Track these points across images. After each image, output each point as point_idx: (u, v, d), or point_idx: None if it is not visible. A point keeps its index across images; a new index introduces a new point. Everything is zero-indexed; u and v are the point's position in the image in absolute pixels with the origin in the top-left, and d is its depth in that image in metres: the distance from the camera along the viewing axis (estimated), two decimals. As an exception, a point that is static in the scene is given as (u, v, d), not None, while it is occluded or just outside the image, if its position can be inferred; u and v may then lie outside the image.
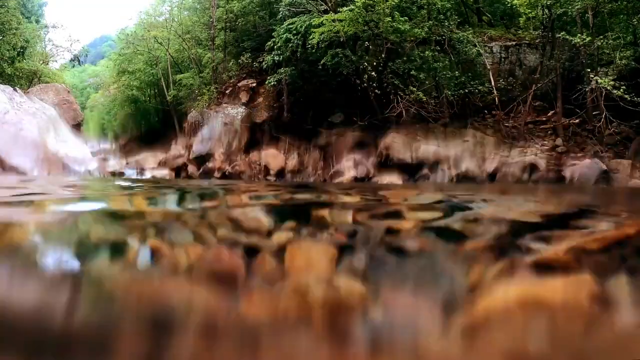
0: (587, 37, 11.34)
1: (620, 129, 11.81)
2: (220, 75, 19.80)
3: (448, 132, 13.32)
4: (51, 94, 18.53)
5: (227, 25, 19.52)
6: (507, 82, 14.05)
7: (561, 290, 1.03)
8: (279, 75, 15.08)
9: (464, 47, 13.70)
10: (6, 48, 20.68)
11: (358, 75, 13.73)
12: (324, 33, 12.87)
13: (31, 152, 10.66)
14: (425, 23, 13.40)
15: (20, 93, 12.84)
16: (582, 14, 12.52)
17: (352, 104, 15.08)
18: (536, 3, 12.69)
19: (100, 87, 41.12)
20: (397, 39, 13.21)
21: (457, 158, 11.83)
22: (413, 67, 13.10)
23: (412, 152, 12.12)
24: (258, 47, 17.98)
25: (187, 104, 21.03)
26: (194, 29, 23.03)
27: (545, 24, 13.59)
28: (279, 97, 17.11)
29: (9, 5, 20.71)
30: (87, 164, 12.31)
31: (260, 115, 17.21)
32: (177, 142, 19.66)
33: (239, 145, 16.30)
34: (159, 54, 25.36)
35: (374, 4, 12.50)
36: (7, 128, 10.89)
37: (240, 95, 18.21)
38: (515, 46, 15.06)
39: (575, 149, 12.08)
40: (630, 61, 11.16)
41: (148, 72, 26.80)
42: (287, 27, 14.58)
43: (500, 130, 13.28)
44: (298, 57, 14.54)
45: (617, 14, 12.12)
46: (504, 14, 17.38)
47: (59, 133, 12.74)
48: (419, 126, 13.56)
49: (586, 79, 11.93)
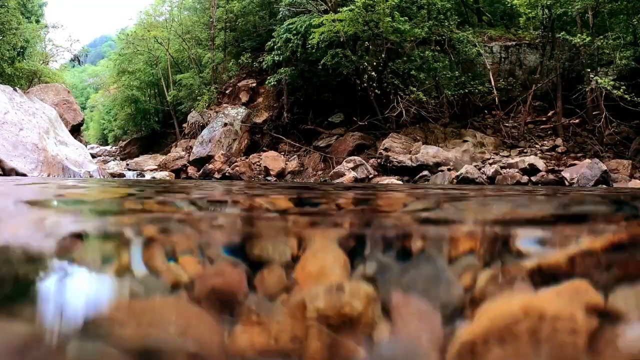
0: (587, 37, 11.33)
1: (620, 129, 11.81)
2: (220, 75, 19.80)
3: (448, 133, 13.32)
4: (51, 94, 18.54)
5: (227, 25, 19.53)
6: (507, 82, 14.04)
7: (558, 300, 1.01)
8: (279, 75, 15.08)
9: (464, 47, 13.69)
10: (6, 48, 20.68)
11: (358, 75, 13.73)
12: (324, 33, 12.86)
13: (31, 153, 10.66)
14: (425, 23, 13.39)
15: (20, 93, 12.83)
16: (582, 14, 12.51)
17: (352, 104, 15.08)
18: (536, 3, 12.68)
19: (100, 87, 41.14)
20: (397, 39, 13.20)
21: (457, 159, 11.83)
22: (413, 67, 13.09)
23: (412, 153, 12.12)
24: (258, 47, 17.99)
25: (187, 104, 21.05)
26: (194, 29, 23.04)
27: (545, 24, 13.58)
28: (279, 97, 17.11)
29: (9, 5, 20.70)
30: (87, 166, 12.30)
31: (260, 115, 17.21)
32: (177, 143, 19.67)
33: (239, 147, 16.30)
34: (159, 54, 25.37)
35: (374, 4, 12.49)
36: (7, 128, 10.89)
37: (240, 95, 18.21)
38: (515, 46, 15.05)
39: (575, 149, 12.08)
40: (630, 61, 11.15)
41: (148, 72, 26.82)
42: (287, 27, 14.57)
43: (500, 130, 13.28)
44: (298, 57, 14.54)
45: (617, 14, 12.11)
46: (504, 14, 17.37)
47: (59, 134, 12.73)
48: (419, 126, 13.56)
49: (586, 79, 11.92)
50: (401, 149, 12.41)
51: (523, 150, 12.39)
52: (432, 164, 11.53)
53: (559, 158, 11.78)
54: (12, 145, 10.56)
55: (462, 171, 10.74)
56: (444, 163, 11.55)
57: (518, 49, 15.01)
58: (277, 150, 15.81)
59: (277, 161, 14.08)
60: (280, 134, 16.42)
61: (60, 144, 12.29)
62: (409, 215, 2.53)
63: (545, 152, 12.06)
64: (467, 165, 11.13)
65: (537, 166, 10.58)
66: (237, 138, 16.43)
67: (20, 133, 11.01)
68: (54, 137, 12.19)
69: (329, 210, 2.67)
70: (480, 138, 12.98)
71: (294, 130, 16.27)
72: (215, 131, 16.39)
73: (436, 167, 11.46)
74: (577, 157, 11.46)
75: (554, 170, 10.74)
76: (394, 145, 12.43)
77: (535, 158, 11.07)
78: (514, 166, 10.89)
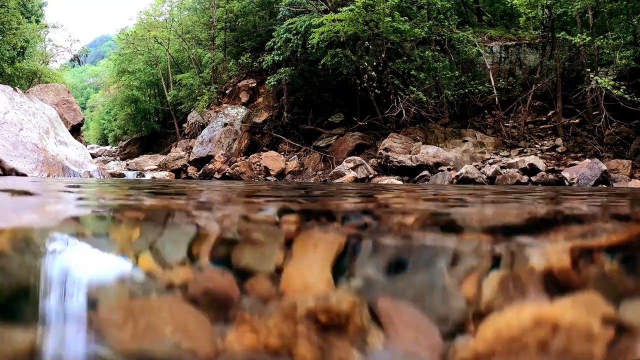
0: (587, 37, 11.34)
1: (620, 129, 11.81)
2: (220, 75, 19.81)
3: (448, 132, 13.32)
4: (51, 94, 18.53)
5: (227, 25, 19.53)
6: (507, 82, 14.05)
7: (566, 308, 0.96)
8: (279, 75, 15.08)
9: (464, 47, 13.69)
10: (6, 48, 20.70)
11: (358, 75, 13.73)
12: (324, 33, 12.86)
13: (31, 153, 10.65)
14: (425, 23, 13.39)
15: (20, 93, 12.82)
16: (582, 14, 12.51)
17: (352, 104, 15.09)
18: (536, 3, 12.68)
19: (100, 87, 41.17)
20: (397, 39, 13.20)
21: (457, 159, 11.83)
22: (413, 67, 13.09)
23: (412, 153, 12.12)
24: (258, 47, 17.99)
25: (187, 104, 21.05)
26: (194, 29, 23.05)
27: (545, 24, 13.58)
28: (279, 97, 17.12)
29: (9, 5, 20.72)
30: (87, 166, 12.30)
31: (260, 115, 17.22)
32: (177, 143, 19.67)
33: (239, 147, 16.30)
34: (159, 54, 25.39)
35: (374, 4, 12.49)
36: (7, 128, 10.89)
37: (240, 95, 18.22)
38: (515, 46, 15.06)
39: (575, 149, 12.08)
40: (630, 61, 11.15)
41: (148, 72, 26.84)
42: (287, 27, 14.58)
43: (500, 130, 13.28)
44: (298, 57, 14.54)
45: (617, 14, 12.11)
46: (504, 14, 17.38)
47: (59, 134, 12.73)
48: (419, 126, 13.56)
49: (586, 79, 11.93)
50: (401, 149, 12.41)
51: (523, 150, 12.40)
52: (432, 164, 11.53)
53: (559, 158, 11.79)
54: (12, 145, 10.56)
55: (462, 171, 10.74)
56: (444, 163, 11.55)
57: (518, 49, 15.01)
58: (277, 150, 15.82)
59: (277, 161, 14.08)
60: (280, 134, 16.42)
61: (60, 144, 12.29)
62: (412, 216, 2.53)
63: (545, 152, 12.06)
64: (467, 165, 11.13)
65: (537, 166, 10.58)
66: (237, 138, 16.43)
67: (20, 133, 11.01)
68: (54, 137, 12.18)
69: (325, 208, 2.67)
70: (480, 138, 12.98)
71: (294, 130, 16.27)
72: (215, 131, 16.39)
73: (436, 167, 11.46)
74: (577, 157, 11.46)
75: (554, 170, 10.74)
76: (394, 145, 12.43)
77: (535, 158, 11.07)
78: (514, 166, 10.89)
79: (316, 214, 2.31)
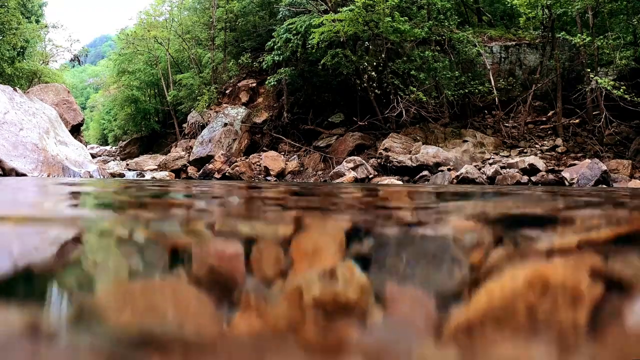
0: (587, 37, 11.33)
1: (620, 129, 11.81)
2: (220, 75, 19.81)
3: (448, 133, 13.32)
4: (51, 94, 18.54)
5: (227, 25, 19.53)
6: (507, 82, 14.05)
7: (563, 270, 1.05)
8: (279, 75, 15.08)
9: (464, 47, 13.69)
10: (6, 48, 20.69)
11: (358, 75, 13.73)
12: (324, 33, 12.86)
13: (31, 153, 10.65)
14: (425, 23, 13.39)
15: (20, 93, 12.82)
16: (582, 14, 12.51)
17: (352, 104, 15.10)
18: (536, 3, 12.67)
19: (100, 87, 41.19)
20: (397, 39, 13.20)
21: (457, 159, 11.83)
22: (413, 67, 13.09)
23: (412, 153, 12.12)
24: (258, 47, 17.99)
25: (187, 104, 21.06)
26: (194, 29, 23.05)
27: (545, 24, 13.58)
28: (279, 97, 17.12)
29: (9, 5, 20.72)
30: (87, 166, 12.30)
31: (260, 115, 17.22)
32: (177, 143, 19.67)
33: (239, 147, 16.30)
34: (159, 54, 25.39)
35: (374, 4, 12.48)
36: (7, 128, 10.89)
37: (240, 95, 18.22)
38: (515, 46, 15.06)
39: (575, 149, 12.08)
40: (630, 61, 11.15)
41: (148, 72, 26.84)
42: (287, 27, 14.57)
43: (500, 130, 13.29)
44: (298, 57, 14.55)
45: (617, 14, 12.11)
46: (504, 14, 17.38)
47: (59, 134, 12.73)
48: (419, 126, 13.56)
49: (586, 79, 11.93)
50: (401, 149, 12.41)
51: (523, 150, 12.40)
52: (432, 164, 11.53)
53: (559, 158, 11.79)
54: (12, 145, 10.56)
55: (462, 171, 10.74)
56: (444, 163, 11.55)
57: (518, 49, 15.01)
58: (277, 150, 15.82)
59: (277, 161, 14.08)
60: (280, 134, 16.42)
61: (60, 144, 12.29)
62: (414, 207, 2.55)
63: (545, 152, 12.06)
64: (467, 165, 11.13)
65: (537, 166, 10.58)
66: (237, 138, 16.43)
67: (20, 133, 11.02)
68: (54, 137, 12.19)
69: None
70: (480, 138, 12.98)
71: (294, 130, 16.27)
72: (215, 131, 16.39)
73: (436, 167, 11.46)
74: (577, 157, 11.46)
75: (554, 170, 10.74)
76: (394, 145, 12.43)
77: (535, 158, 11.07)
78: (514, 166, 10.89)
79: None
